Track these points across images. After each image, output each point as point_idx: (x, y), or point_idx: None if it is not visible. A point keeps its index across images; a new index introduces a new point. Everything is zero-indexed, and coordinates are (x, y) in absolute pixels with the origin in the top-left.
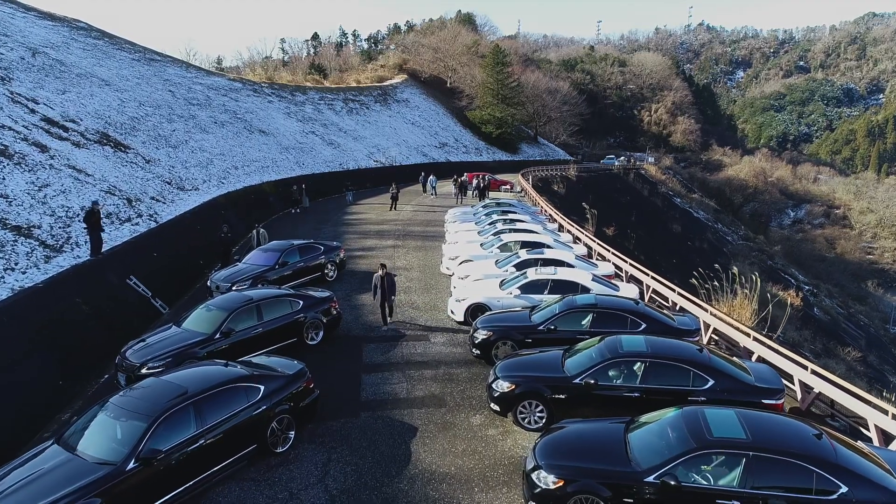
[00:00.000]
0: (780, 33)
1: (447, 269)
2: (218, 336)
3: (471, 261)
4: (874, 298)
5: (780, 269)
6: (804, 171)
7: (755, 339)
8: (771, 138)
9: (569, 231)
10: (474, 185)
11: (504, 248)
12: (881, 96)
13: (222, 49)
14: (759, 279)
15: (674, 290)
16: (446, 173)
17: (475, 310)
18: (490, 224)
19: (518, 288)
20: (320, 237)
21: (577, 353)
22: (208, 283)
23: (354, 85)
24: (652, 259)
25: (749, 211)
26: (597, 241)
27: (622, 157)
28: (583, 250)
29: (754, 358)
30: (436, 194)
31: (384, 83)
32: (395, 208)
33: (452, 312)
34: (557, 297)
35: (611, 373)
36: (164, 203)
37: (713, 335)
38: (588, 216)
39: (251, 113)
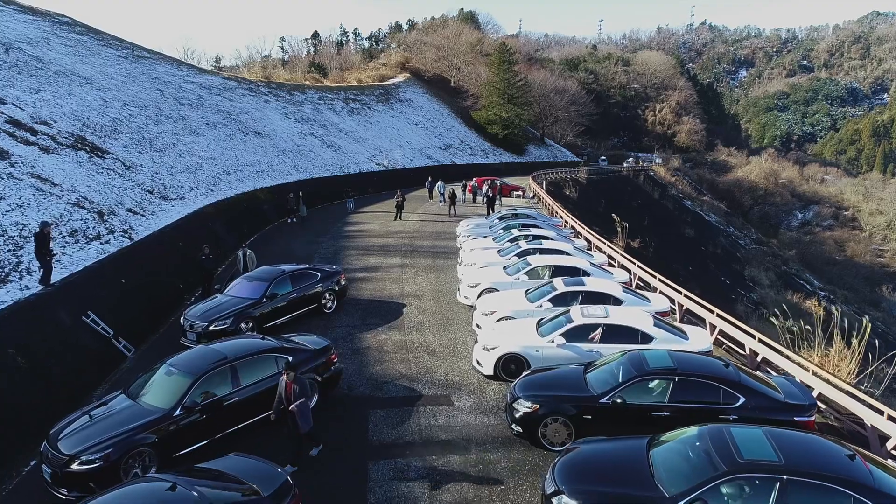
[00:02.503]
0: (782, 32)
1: (465, 298)
2: (178, 413)
3: (495, 290)
4: (888, 304)
5: (794, 274)
6: (811, 172)
7: (891, 418)
8: (775, 138)
9: (598, 248)
10: (484, 191)
11: (532, 273)
12: (886, 96)
13: (221, 48)
14: (868, 323)
15: (753, 336)
16: (453, 177)
17: (508, 362)
18: (511, 241)
19: (562, 335)
20: (319, 251)
21: (670, 449)
22: (181, 320)
23: (355, 84)
24: (669, 267)
25: (757, 213)
26: (637, 263)
27: (630, 159)
28: (623, 275)
29: (891, 446)
30: (444, 201)
31: (386, 82)
32: (400, 217)
33: (479, 364)
34: (617, 352)
35: (725, 490)
36: (144, 215)
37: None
38: (618, 229)
39: (246, 113)
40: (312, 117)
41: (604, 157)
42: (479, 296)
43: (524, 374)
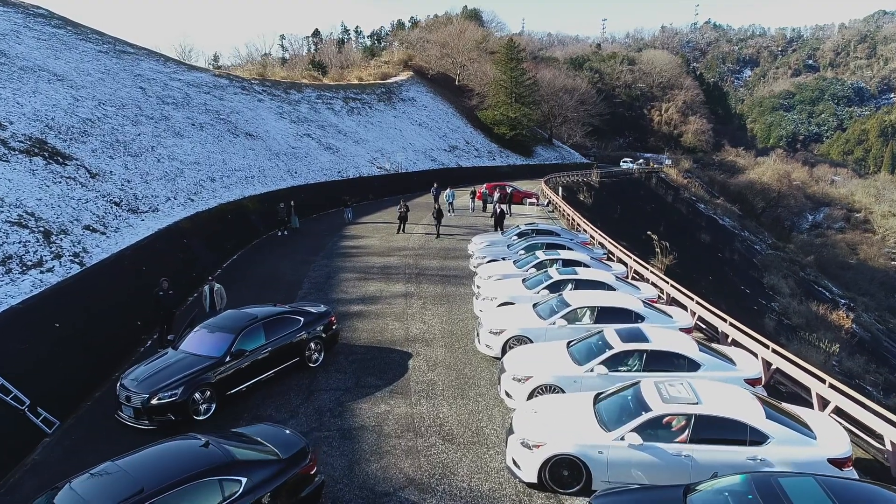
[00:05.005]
0: (787, 31)
1: (487, 346)
2: None
3: (526, 340)
4: None
5: (812, 280)
6: (821, 173)
7: None
8: (780, 138)
9: (636, 272)
10: (495, 199)
11: (572, 316)
12: (892, 95)
13: (220, 47)
14: None
15: (893, 424)
16: (458, 180)
17: (558, 465)
18: (536, 267)
19: (635, 431)
20: (309, 274)
21: None
22: (117, 388)
23: (356, 82)
24: (690, 278)
25: (769, 216)
26: (697, 299)
27: (640, 161)
28: (683, 317)
29: None
30: (453, 211)
31: (388, 80)
32: (403, 230)
33: (516, 465)
34: (734, 477)
35: None
36: (105, 233)
37: None
38: (657, 248)
39: (237, 113)
40: (309, 117)
41: (627, 159)
42: (506, 345)
43: (592, 500)
